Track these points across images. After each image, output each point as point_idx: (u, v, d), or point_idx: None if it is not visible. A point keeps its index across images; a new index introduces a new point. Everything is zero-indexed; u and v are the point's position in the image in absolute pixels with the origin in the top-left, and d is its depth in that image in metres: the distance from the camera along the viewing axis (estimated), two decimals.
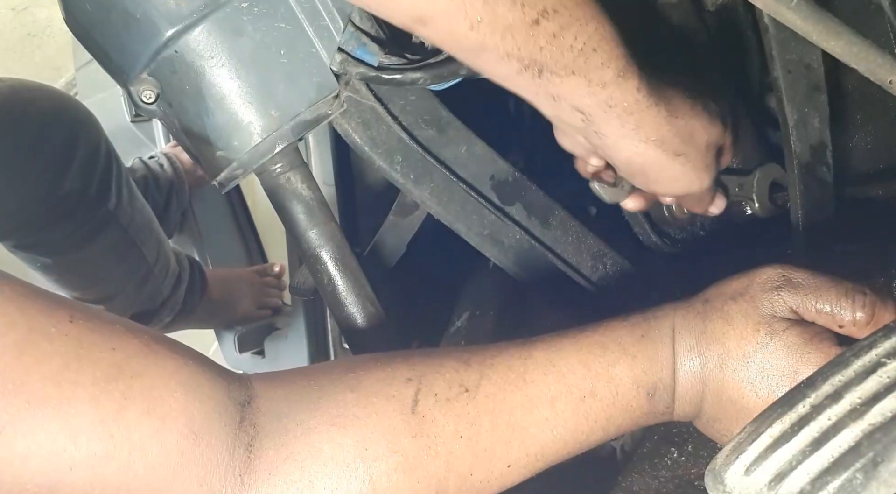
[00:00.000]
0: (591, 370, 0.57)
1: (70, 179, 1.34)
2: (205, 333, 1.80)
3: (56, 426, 0.45)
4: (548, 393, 0.57)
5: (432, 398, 0.55)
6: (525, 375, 0.57)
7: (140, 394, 0.48)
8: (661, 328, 0.59)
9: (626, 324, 0.60)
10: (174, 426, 0.48)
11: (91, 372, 0.47)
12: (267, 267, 1.83)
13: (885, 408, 0.39)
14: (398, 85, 0.69)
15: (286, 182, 0.70)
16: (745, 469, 0.41)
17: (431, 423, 0.54)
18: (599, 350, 0.58)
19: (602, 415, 0.57)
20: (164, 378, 0.49)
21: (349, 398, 0.54)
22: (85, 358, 0.47)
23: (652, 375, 0.58)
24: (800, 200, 0.75)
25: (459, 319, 1.13)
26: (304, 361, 1.35)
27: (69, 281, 1.49)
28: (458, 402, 0.55)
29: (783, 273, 0.58)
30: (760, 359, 0.56)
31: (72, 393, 0.46)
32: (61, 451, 0.45)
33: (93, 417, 0.46)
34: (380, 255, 1.02)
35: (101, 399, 0.46)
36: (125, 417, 0.47)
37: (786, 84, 0.72)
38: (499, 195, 0.79)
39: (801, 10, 0.61)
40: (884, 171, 0.84)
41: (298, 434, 0.52)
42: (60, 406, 0.45)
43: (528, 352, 0.58)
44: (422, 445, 0.53)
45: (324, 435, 0.52)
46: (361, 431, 0.53)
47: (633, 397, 0.58)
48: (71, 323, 0.48)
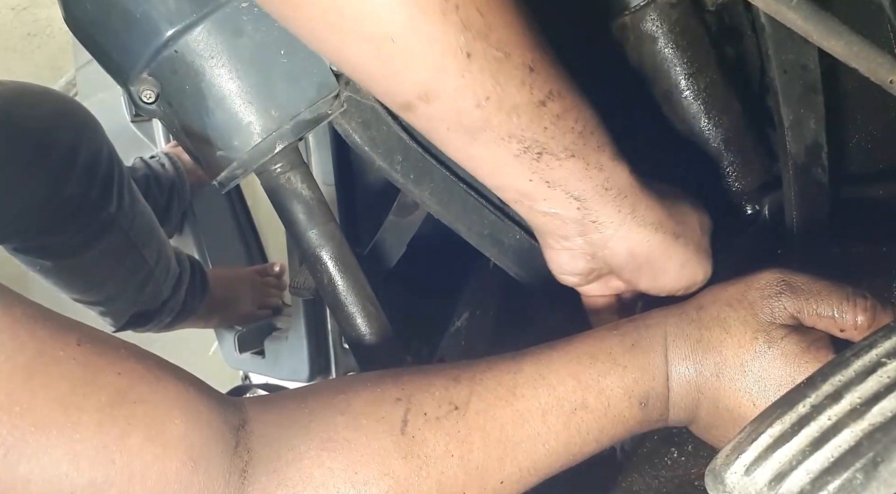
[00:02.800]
0: (581, 383, 0.57)
1: (72, 184, 1.34)
2: (205, 333, 1.80)
3: (60, 450, 0.45)
4: (538, 407, 0.56)
5: (422, 417, 0.55)
6: (515, 390, 0.56)
7: (143, 420, 0.48)
8: (652, 337, 0.58)
9: (616, 333, 0.59)
10: (174, 453, 0.49)
11: (97, 397, 0.47)
12: (267, 267, 1.83)
13: (885, 408, 0.39)
14: None
15: (286, 182, 0.70)
16: (745, 469, 0.41)
17: (422, 443, 0.54)
18: (589, 361, 0.57)
19: (594, 427, 0.57)
20: (165, 405, 0.50)
21: (339, 421, 0.54)
22: (91, 383, 0.47)
23: (644, 384, 0.57)
24: (794, 201, 0.75)
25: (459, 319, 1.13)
26: (304, 361, 1.35)
27: (70, 284, 1.49)
28: (448, 420, 0.55)
29: (783, 278, 0.58)
30: (758, 368, 0.56)
31: (77, 418, 0.46)
32: (63, 476, 0.45)
33: (96, 442, 0.46)
34: (380, 255, 1.02)
35: (105, 425, 0.47)
36: (127, 443, 0.47)
37: (782, 85, 0.72)
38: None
39: (801, 10, 0.61)
40: (884, 171, 0.84)
41: (290, 460, 0.52)
42: (65, 431, 0.45)
43: (517, 366, 0.58)
44: (413, 466, 0.53)
45: (314, 460, 0.52)
46: (352, 455, 0.53)
47: (626, 407, 0.57)
48: (79, 347, 0.48)
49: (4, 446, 0.44)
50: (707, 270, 0.67)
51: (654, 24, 0.79)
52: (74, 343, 0.48)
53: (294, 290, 1.11)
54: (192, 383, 0.53)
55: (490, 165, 0.61)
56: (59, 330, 0.48)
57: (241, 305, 1.71)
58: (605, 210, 0.62)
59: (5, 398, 0.44)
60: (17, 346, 0.46)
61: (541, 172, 0.60)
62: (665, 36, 0.79)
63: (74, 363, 0.47)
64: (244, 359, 1.62)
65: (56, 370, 0.46)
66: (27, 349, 0.46)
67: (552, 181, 0.60)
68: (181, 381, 0.52)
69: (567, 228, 0.63)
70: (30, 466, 0.45)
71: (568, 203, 0.62)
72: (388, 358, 0.72)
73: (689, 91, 0.81)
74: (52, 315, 0.49)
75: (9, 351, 0.45)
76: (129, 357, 0.50)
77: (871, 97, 0.81)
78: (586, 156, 0.60)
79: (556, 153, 0.59)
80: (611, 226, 0.63)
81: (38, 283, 1.50)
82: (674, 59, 0.80)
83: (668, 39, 0.80)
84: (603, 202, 0.62)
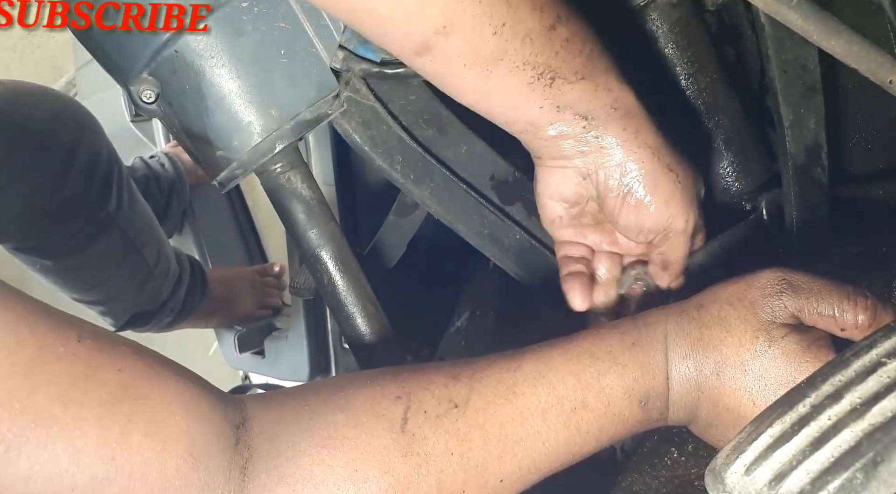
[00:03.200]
0: (581, 381, 0.57)
1: (71, 184, 1.34)
2: (205, 332, 1.80)
3: (60, 447, 0.45)
4: (538, 406, 0.56)
5: (422, 415, 0.55)
6: (515, 387, 0.56)
7: (143, 417, 0.48)
8: (652, 335, 0.58)
9: (616, 332, 0.59)
10: (175, 449, 0.49)
11: (97, 393, 0.47)
12: (267, 267, 1.83)
13: (885, 408, 0.39)
14: (401, 79, 0.69)
15: (286, 182, 0.70)
16: (745, 469, 0.41)
17: (422, 441, 0.54)
18: (589, 360, 0.57)
19: (594, 426, 0.57)
20: (166, 401, 0.50)
21: (339, 418, 0.54)
22: (92, 379, 0.47)
23: (644, 383, 0.57)
24: (794, 201, 0.75)
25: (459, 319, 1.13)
26: (304, 361, 1.35)
27: (69, 283, 1.49)
28: (448, 418, 0.55)
29: (783, 277, 0.58)
30: (758, 367, 0.56)
31: (77, 414, 0.46)
32: (63, 473, 0.45)
33: (97, 439, 0.46)
34: (380, 255, 1.02)
35: (105, 421, 0.47)
36: (128, 440, 0.47)
37: (782, 85, 0.72)
38: (499, 195, 0.79)
39: (801, 10, 0.61)
40: (884, 171, 0.84)
41: (290, 457, 0.52)
42: (65, 427, 0.45)
43: (517, 364, 0.58)
44: (412, 464, 0.53)
45: (314, 458, 0.52)
46: (351, 452, 0.53)
47: (626, 406, 0.57)
48: (79, 343, 0.48)
49: (5, 442, 0.44)
50: (689, 219, 0.68)
51: (654, 23, 0.79)
52: (75, 340, 0.48)
53: (294, 290, 1.11)
54: (192, 380, 0.52)
55: (504, 99, 0.63)
56: (60, 326, 0.48)
57: (241, 305, 1.71)
58: (611, 128, 0.65)
59: (5, 395, 0.44)
60: (17, 342, 0.45)
61: (552, 98, 0.63)
62: (665, 36, 0.79)
63: (75, 359, 0.47)
64: (244, 359, 1.62)
65: (56, 367, 0.46)
66: (28, 346, 0.46)
67: (562, 105, 0.63)
68: (182, 378, 0.52)
69: (568, 148, 0.66)
70: (30, 462, 0.44)
71: (575, 123, 0.65)
72: (388, 358, 0.72)
73: (689, 91, 0.81)
74: (52, 312, 0.49)
75: (10, 347, 0.45)
76: (129, 354, 0.50)
77: (871, 97, 0.81)
78: (595, 78, 0.63)
79: (567, 77, 0.62)
80: (613, 143, 0.65)
81: (37, 282, 1.50)
82: (674, 59, 0.80)
83: (668, 39, 0.80)
84: (609, 120, 0.65)
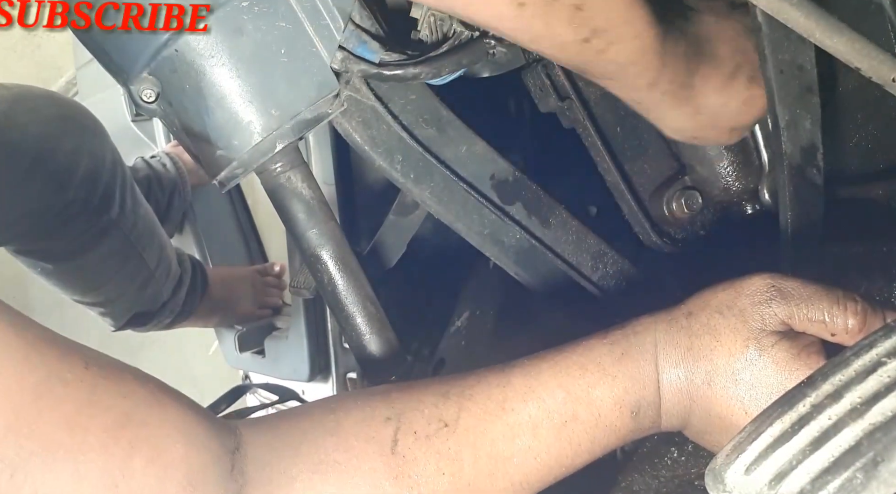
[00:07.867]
0: (571, 394, 0.57)
1: (73, 190, 1.33)
2: (205, 332, 1.80)
3: (65, 472, 0.46)
4: (529, 421, 0.56)
5: (412, 436, 0.55)
6: (504, 403, 0.56)
7: (146, 443, 0.49)
8: (642, 345, 0.58)
9: (605, 342, 0.59)
10: (174, 476, 0.49)
11: (102, 419, 0.48)
12: (267, 267, 1.83)
13: (885, 408, 0.39)
14: (400, 81, 0.69)
15: (286, 181, 0.70)
16: (745, 469, 0.41)
17: (412, 463, 0.54)
18: (579, 373, 0.57)
19: (585, 438, 0.57)
20: (167, 428, 0.50)
21: (329, 442, 0.54)
22: (97, 404, 0.48)
23: (634, 394, 0.57)
24: (789, 202, 0.74)
25: (459, 319, 1.13)
26: (304, 360, 1.35)
27: (70, 285, 1.49)
28: (438, 438, 0.55)
29: (773, 284, 0.57)
30: (749, 376, 0.56)
31: (82, 439, 0.46)
32: None
33: (100, 465, 0.47)
34: (380, 255, 1.02)
35: (109, 447, 0.47)
36: (130, 466, 0.48)
37: (778, 85, 0.72)
38: (499, 195, 0.79)
39: (803, 9, 0.60)
40: (884, 171, 0.83)
41: (282, 484, 0.53)
42: (70, 452, 0.46)
43: (506, 379, 0.57)
44: (404, 487, 0.53)
45: (306, 484, 0.53)
46: (342, 477, 0.53)
47: (617, 417, 0.57)
48: (86, 369, 0.49)
49: (11, 466, 0.44)
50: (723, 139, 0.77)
51: None
52: (82, 366, 0.49)
53: (294, 290, 1.11)
54: (190, 406, 0.53)
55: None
56: (68, 353, 0.49)
57: (241, 304, 1.71)
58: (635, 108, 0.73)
59: (14, 418, 0.45)
60: (28, 367, 0.46)
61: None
62: None
63: (82, 385, 0.48)
64: (244, 358, 1.62)
65: (63, 392, 0.47)
66: (38, 371, 0.46)
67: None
68: (181, 404, 0.52)
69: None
70: (35, 487, 0.45)
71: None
72: (387, 358, 0.73)
73: None
74: (60, 339, 0.50)
75: (21, 372, 0.46)
76: (133, 380, 0.51)
77: (871, 97, 0.80)
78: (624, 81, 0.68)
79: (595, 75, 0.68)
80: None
81: (37, 282, 1.50)
82: None
83: None
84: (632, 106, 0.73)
